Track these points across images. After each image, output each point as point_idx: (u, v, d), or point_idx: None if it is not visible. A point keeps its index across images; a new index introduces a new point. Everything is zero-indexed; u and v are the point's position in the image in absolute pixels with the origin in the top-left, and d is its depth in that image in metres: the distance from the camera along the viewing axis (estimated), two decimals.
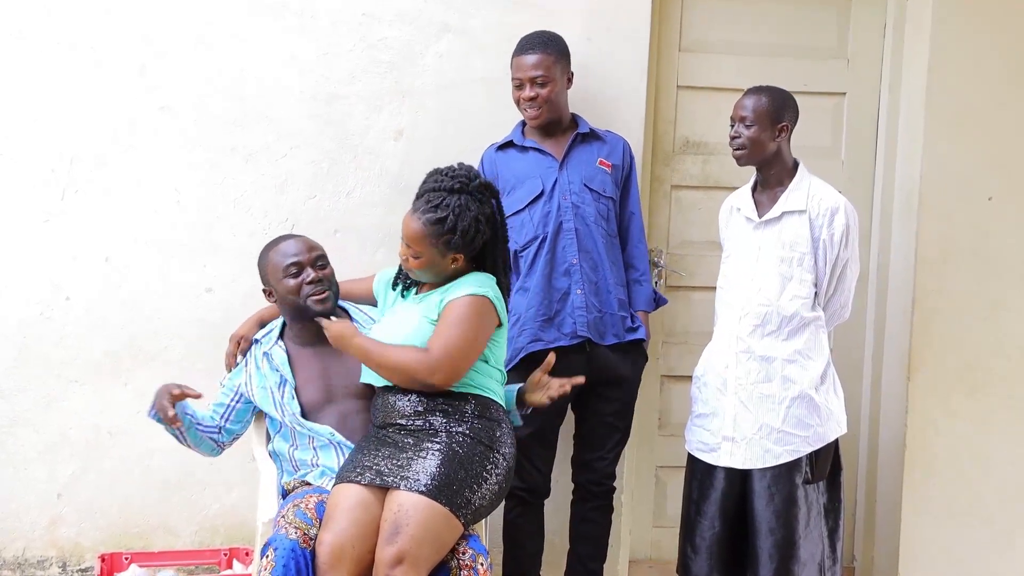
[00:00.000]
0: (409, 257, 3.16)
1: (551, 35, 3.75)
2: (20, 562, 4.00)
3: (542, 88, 3.66)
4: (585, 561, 3.85)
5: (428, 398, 3.12)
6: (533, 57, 3.67)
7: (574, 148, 3.74)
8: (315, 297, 3.29)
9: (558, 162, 3.71)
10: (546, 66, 3.66)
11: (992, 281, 4.17)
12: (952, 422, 4.19)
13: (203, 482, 4.02)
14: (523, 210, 3.68)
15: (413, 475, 3.01)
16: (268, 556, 2.92)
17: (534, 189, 3.69)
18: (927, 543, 4.20)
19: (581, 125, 3.78)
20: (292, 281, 3.29)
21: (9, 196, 3.92)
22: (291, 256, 3.31)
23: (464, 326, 3.10)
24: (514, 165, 3.75)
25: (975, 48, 4.11)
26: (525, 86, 3.67)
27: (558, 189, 3.68)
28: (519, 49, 3.71)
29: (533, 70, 3.65)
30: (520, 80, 3.68)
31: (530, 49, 3.69)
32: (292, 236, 3.42)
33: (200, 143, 3.96)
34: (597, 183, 3.72)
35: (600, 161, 3.75)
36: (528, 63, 3.67)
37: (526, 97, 3.68)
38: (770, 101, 3.49)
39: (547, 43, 3.70)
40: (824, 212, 3.49)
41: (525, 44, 3.71)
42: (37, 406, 3.97)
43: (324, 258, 3.36)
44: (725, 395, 3.58)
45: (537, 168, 3.72)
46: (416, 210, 3.15)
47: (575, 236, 3.66)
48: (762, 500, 3.53)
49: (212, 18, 3.94)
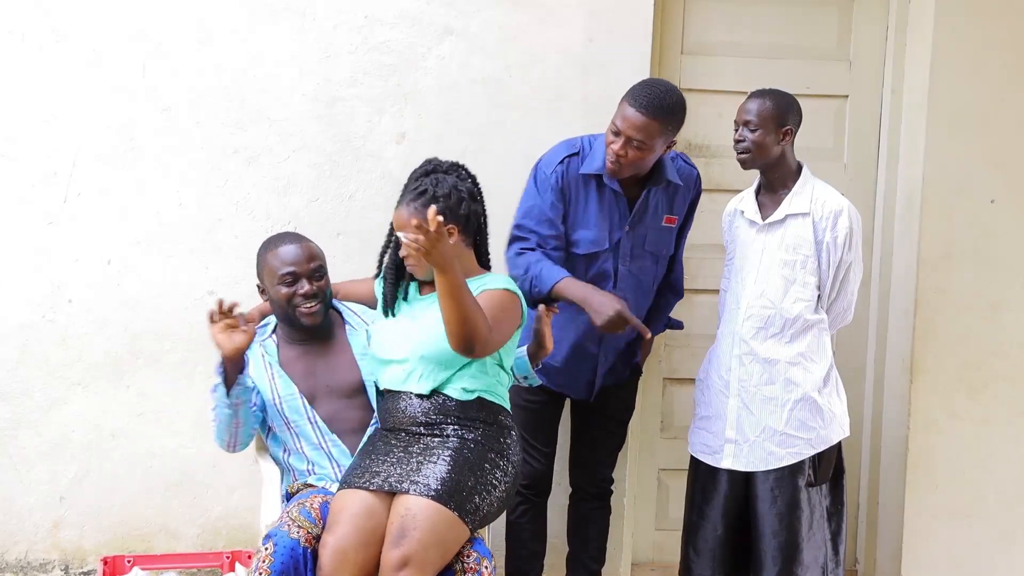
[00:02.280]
0: (411, 251, 3.07)
1: (672, 100, 3.39)
2: (22, 565, 4.00)
3: (636, 151, 3.36)
4: (585, 562, 3.85)
5: (440, 404, 3.11)
6: (641, 118, 3.32)
7: (647, 204, 3.53)
8: (305, 310, 3.29)
9: (628, 219, 3.51)
10: (650, 132, 3.34)
11: (994, 282, 4.17)
12: (954, 423, 4.19)
13: (205, 484, 4.02)
14: (579, 256, 3.52)
15: (423, 479, 3.01)
16: (267, 548, 2.93)
17: (599, 243, 3.51)
18: (930, 544, 4.20)
19: (658, 175, 3.50)
20: (285, 289, 3.29)
21: (11, 198, 3.92)
22: (288, 264, 3.29)
23: (506, 313, 3.13)
24: (589, 200, 3.50)
25: (977, 50, 4.11)
26: (620, 137, 3.36)
27: (621, 250, 3.53)
28: (634, 98, 3.36)
29: (635, 131, 3.33)
30: (618, 129, 3.36)
31: (643, 108, 3.33)
32: (295, 239, 3.39)
33: (202, 145, 3.96)
34: (660, 245, 3.59)
35: (667, 219, 3.58)
36: (633, 121, 3.33)
37: (616, 151, 3.37)
38: (774, 105, 3.49)
39: (664, 109, 3.34)
40: (828, 215, 3.49)
41: (642, 98, 3.35)
42: (39, 408, 3.97)
43: (322, 268, 3.34)
44: (728, 397, 3.58)
45: (607, 219, 3.50)
46: (401, 203, 3.18)
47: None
48: (765, 503, 3.53)
49: (214, 20, 3.94)
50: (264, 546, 2.94)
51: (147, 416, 4.00)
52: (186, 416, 3.97)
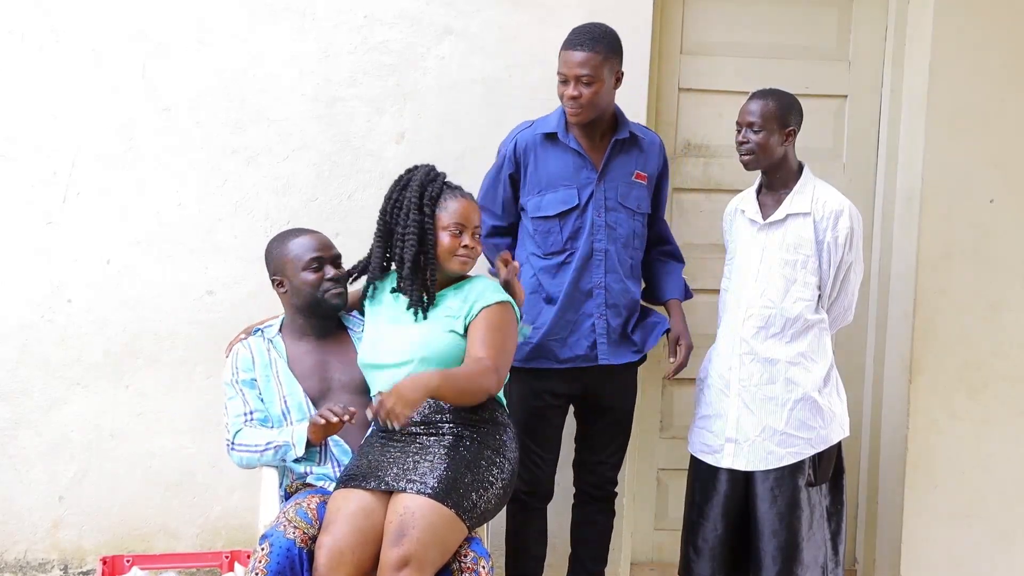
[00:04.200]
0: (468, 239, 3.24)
1: (602, 30, 3.53)
2: (21, 565, 3.99)
3: (587, 87, 3.46)
4: (586, 564, 3.84)
5: (435, 402, 3.12)
6: (580, 54, 3.45)
7: (613, 158, 3.61)
8: (334, 291, 3.32)
9: (596, 173, 3.59)
10: (593, 65, 3.45)
11: (994, 282, 4.17)
12: (954, 423, 4.19)
13: (205, 484, 4.02)
14: (552, 218, 3.59)
15: (420, 478, 3.01)
16: (264, 548, 2.93)
17: (568, 200, 3.58)
18: (929, 544, 4.20)
19: (621, 128, 3.61)
20: (313, 275, 3.32)
21: (11, 198, 3.92)
22: (313, 250, 3.34)
23: (506, 332, 3.17)
24: (551, 163, 3.59)
25: (976, 50, 4.11)
26: (570, 83, 3.47)
27: (592, 204, 3.58)
28: (567, 43, 3.50)
29: (579, 68, 3.44)
30: (565, 76, 3.48)
31: (578, 45, 3.47)
32: (308, 231, 3.43)
33: (201, 145, 3.96)
34: (632, 200, 3.62)
35: (636, 174, 3.63)
36: (575, 60, 3.45)
37: (569, 95, 3.48)
38: (777, 105, 3.49)
39: (597, 39, 3.48)
40: (829, 215, 3.50)
41: (574, 39, 3.50)
42: (38, 408, 3.97)
43: (340, 258, 3.40)
44: (728, 397, 3.58)
45: (574, 176, 3.58)
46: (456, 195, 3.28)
47: (603, 257, 3.59)
48: (765, 503, 3.53)
49: (213, 20, 3.94)
50: (260, 547, 2.95)
51: (146, 416, 4.00)
52: (186, 416, 3.97)
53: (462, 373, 3.07)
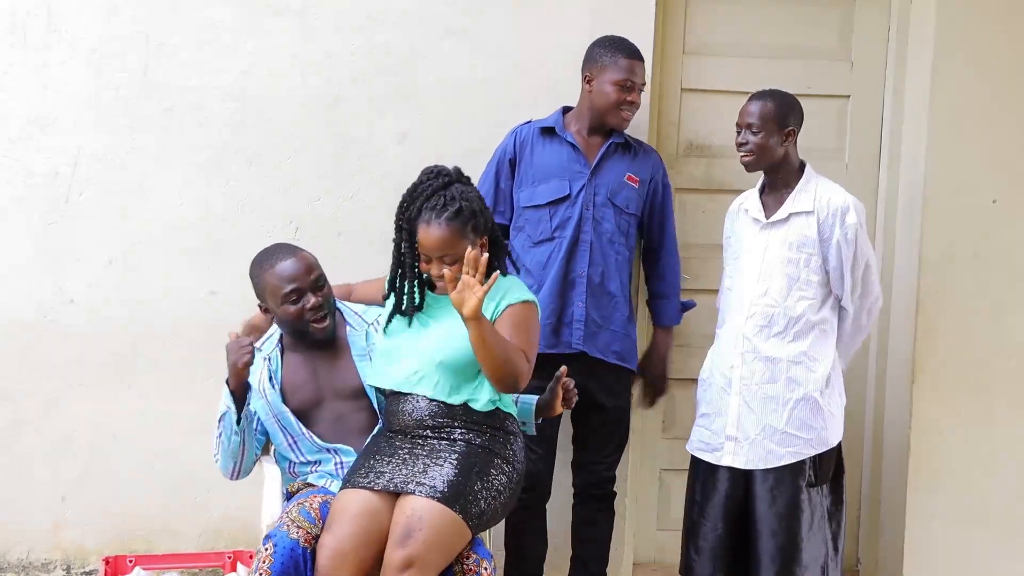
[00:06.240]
0: (446, 268, 3.03)
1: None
2: (24, 565, 4.00)
3: (638, 94, 3.67)
4: (587, 564, 3.85)
5: (447, 407, 3.11)
6: (641, 66, 3.67)
7: (607, 158, 3.72)
8: (316, 325, 3.27)
9: (589, 168, 3.70)
10: (642, 72, 3.68)
11: (996, 283, 4.17)
12: (956, 424, 4.18)
13: (207, 485, 4.01)
14: (543, 207, 3.69)
15: (429, 481, 3.00)
16: (267, 548, 2.93)
17: (560, 190, 3.69)
18: (931, 545, 4.20)
19: (619, 134, 3.75)
20: (293, 308, 3.24)
21: (14, 199, 3.92)
22: (290, 282, 3.23)
23: (531, 330, 3.14)
24: (547, 156, 3.72)
25: (979, 51, 4.10)
26: (634, 90, 3.66)
27: (582, 197, 3.68)
28: (624, 49, 3.68)
29: (638, 76, 3.66)
30: (630, 83, 3.65)
31: (637, 56, 3.67)
32: (288, 251, 3.30)
33: (204, 145, 3.96)
34: (621, 199, 3.72)
35: (628, 177, 3.73)
36: (637, 67, 3.66)
37: (629, 100, 3.66)
38: (776, 106, 3.50)
39: (638, 52, 3.70)
40: (834, 212, 3.50)
41: (632, 49, 3.69)
42: (41, 409, 3.97)
43: (322, 277, 3.29)
44: (729, 395, 3.58)
45: (568, 168, 3.70)
46: (431, 220, 3.07)
47: (588, 248, 3.67)
48: (764, 503, 3.53)
49: (215, 20, 3.94)
50: (264, 547, 2.94)
51: (149, 416, 4.00)
52: (188, 416, 3.97)
53: (505, 343, 3.03)
